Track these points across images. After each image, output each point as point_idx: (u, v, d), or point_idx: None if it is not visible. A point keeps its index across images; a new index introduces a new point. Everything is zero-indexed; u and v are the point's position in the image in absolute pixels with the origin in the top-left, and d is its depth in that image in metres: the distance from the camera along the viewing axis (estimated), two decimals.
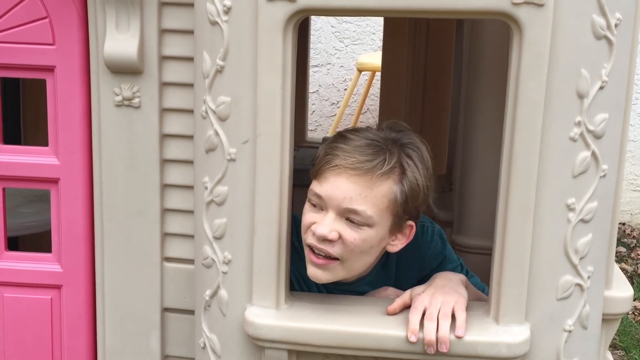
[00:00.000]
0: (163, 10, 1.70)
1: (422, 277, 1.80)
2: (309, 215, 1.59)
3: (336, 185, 1.54)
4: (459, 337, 1.51)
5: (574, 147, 1.48)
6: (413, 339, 1.53)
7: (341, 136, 1.61)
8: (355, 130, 1.63)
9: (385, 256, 1.76)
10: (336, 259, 1.57)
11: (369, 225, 1.55)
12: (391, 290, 1.74)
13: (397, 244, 1.65)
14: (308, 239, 1.59)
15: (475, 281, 1.83)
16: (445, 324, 1.52)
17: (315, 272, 1.60)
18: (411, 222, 1.64)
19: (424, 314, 1.54)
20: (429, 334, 1.51)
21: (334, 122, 5.96)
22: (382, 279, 1.80)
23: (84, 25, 1.74)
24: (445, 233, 1.90)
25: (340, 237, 1.54)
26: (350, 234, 1.55)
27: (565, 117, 1.46)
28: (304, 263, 1.64)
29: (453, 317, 1.53)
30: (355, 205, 1.52)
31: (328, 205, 1.55)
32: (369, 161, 1.53)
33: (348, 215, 1.54)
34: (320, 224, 1.54)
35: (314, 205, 1.59)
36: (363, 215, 1.53)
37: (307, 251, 1.61)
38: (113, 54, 1.69)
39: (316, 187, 1.57)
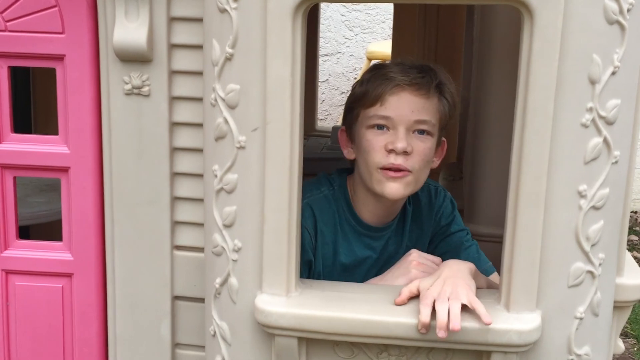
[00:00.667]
0: None
1: (434, 235, 1.97)
2: (378, 139, 1.72)
3: (403, 102, 1.69)
4: (487, 324, 1.50)
5: (585, 133, 1.47)
6: (424, 332, 1.52)
7: (380, 66, 1.79)
8: (388, 61, 1.85)
9: (402, 212, 1.91)
10: (409, 171, 1.71)
11: (431, 135, 1.74)
12: (415, 254, 1.76)
13: (436, 161, 1.84)
14: (382, 160, 1.71)
15: (482, 258, 1.91)
16: (457, 304, 1.50)
17: (396, 187, 1.72)
18: (444, 139, 1.83)
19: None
20: (442, 316, 1.49)
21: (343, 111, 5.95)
22: (399, 232, 1.93)
23: (94, 14, 1.74)
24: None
25: (413, 149, 1.70)
26: (420, 145, 1.71)
27: (577, 103, 1.46)
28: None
29: (464, 307, 1.52)
30: (422, 116, 1.70)
31: (397, 122, 1.70)
32: (423, 77, 1.71)
33: (416, 127, 1.71)
34: (398, 140, 1.68)
35: (380, 127, 1.72)
36: (429, 124, 1.72)
37: (380, 174, 1.72)
38: (122, 43, 1.69)
39: (380, 110, 1.70)
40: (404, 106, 1.69)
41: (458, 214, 2.01)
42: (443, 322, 1.49)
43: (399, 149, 1.68)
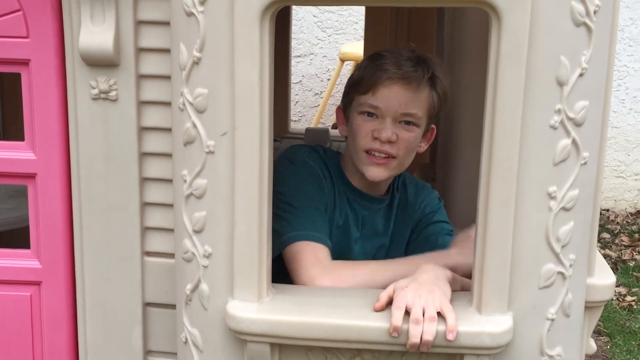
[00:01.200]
0: (139, 1, 1.68)
1: (417, 222, 2.06)
2: (366, 125, 1.82)
3: (392, 94, 1.78)
4: (450, 341, 1.51)
5: (554, 135, 1.48)
6: (395, 335, 1.52)
7: (380, 55, 1.84)
8: (387, 50, 1.86)
9: (391, 197, 2.05)
10: (394, 157, 1.82)
11: (418, 125, 1.83)
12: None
13: (423, 146, 1.93)
14: (368, 144, 1.82)
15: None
16: (432, 327, 1.50)
17: (378, 171, 1.85)
18: (433, 126, 1.92)
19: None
20: (414, 337, 1.50)
21: (317, 113, 5.95)
22: (387, 214, 2.05)
23: (59, 18, 1.72)
24: None
25: (398, 138, 1.80)
26: (405, 134, 1.81)
27: (545, 105, 1.46)
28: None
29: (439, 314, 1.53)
30: (409, 109, 1.80)
31: (385, 112, 1.79)
32: (415, 71, 1.79)
33: (403, 119, 1.80)
34: (383, 129, 1.79)
35: (369, 115, 1.82)
36: (415, 117, 1.81)
37: (365, 156, 1.84)
38: (88, 47, 1.67)
39: (371, 99, 1.80)
40: (393, 98, 1.78)
41: (444, 210, 2.10)
42: (415, 343, 1.51)
43: (384, 138, 1.78)
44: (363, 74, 1.83)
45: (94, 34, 1.67)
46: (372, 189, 1.99)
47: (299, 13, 5.86)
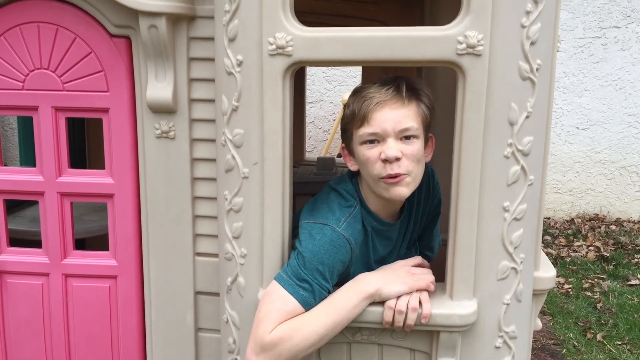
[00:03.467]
0: (191, 64, 1.69)
1: (429, 210, 1.78)
2: (372, 152, 1.51)
3: (385, 117, 1.48)
4: (423, 324, 1.51)
5: (507, 163, 1.47)
6: (387, 326, 1.52)
7: (360, 89, 1.56)
8: (364, 84, 1.59)
9: (407, 200, 1.66)
10: (405, 174, 1.51)
11: (417, 137, 1.51)
12: (402, 264, 1.62)
13: (428, 155, 1.61)
14: (381, 171, 1.50)
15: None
16: (414, 315, 1.50)
17: (398, 190, 1.51)
18: (431, 135, 1.60)
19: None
20: (398, 322, 1.50)
21: (325, 145, 5.95)
22: (407, 217, 1.72)
23: (131, 76, 1.73)
24: None
25: (403, 153, 1.49)
26: (408, 149, 1.50)
27: (500, 140, 1.45)
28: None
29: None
30: (404, 125, 1.49)
31: (385, 135, 1.49)
32: (395, 90, 1.50)
33: (402, 135, 1.49)
34: (388, 149, 1.48)
35: (371, 143, 1.51)
36: (412, 130, 1.49)
37: (382, 182, 1.52)
38: (153, 98, 1.68)
39: (368, 129, 1.50)
40: (387, 120, 1.49)
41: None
42: (399, 327, 1.51)
43: (391, 158, 1.48)
44: (353, 108, 1.54)
45: (157, 88, 1.68)
46: (398, 211, 1.69)
47: (311, 70, 5.88)
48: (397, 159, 1.49)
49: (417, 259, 1.61)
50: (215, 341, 1.84)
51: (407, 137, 1.50)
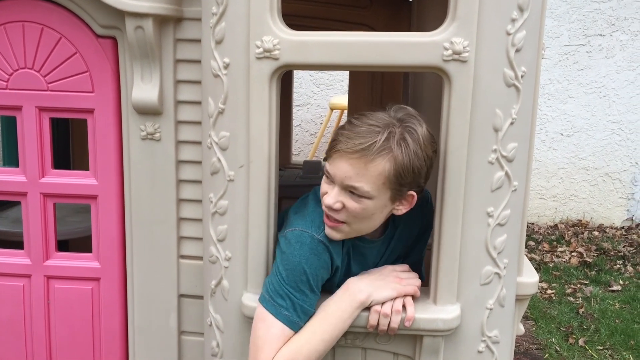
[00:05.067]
0: (177, 65, 1.69)
1: (419, 235, 1.73)
2: (323, 186, 1.48)
3: (338, 166, 1.41)
4: (407, 327, 1.51)
5: (491, 169, 1.48)
6: (371, 330, 1.52)
7: (349, 122, 1.45)
8: (362, 115, 1.45)
9: (392, 221, 1.63)
10: (342, 222, 1.47)
11: (368, 198, 1.42)
12: (389, 269, 1.60)
13: (401, 209, 1.50)
14: (324, 207, 1.48)
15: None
16: (397, 318, 1.50)
17: (330, 232, 1.49)
18: (412, 192, 1.47)
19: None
20: (382, 326, 1.50)
21: (312, 149, 5.96)
22: (389, 236, 1.66)
23: (116, 77, 1.72)
24: None
25: (344, 206, 1.43)
26: (352, 204, 1.43)
27: (485, 146, 1.46)
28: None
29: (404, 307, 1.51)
30: (353, 182, 1.40)
31: (335, 180, 1.43)
32: (364, 144, 1.38)
33: (349, 190, 1.42)
34: (328, 196, 1.44)
35: (327, 178, 1.47)
36: (361, 190, 1.40)
37: (324, 216, 1.50)
38: (139, 99, 1.68)
39: (327, 166, 1.46)
40: (339, 171, 1.41)
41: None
42: (383, 330, 1.52)
43: (326, 204, 1.45)
44: (332, 138, 1.47)
45: (143, 90, 1.67)
46: (373, 233, 1.61)
47: (299, 73, 5.88)
48: (333, 210, 1.44)
49: (404, 266, 1.61)
50: (198, 344, 1.83)
51: (356, 194, 1.42)
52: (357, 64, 1.46)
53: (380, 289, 1.52)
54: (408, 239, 1.72)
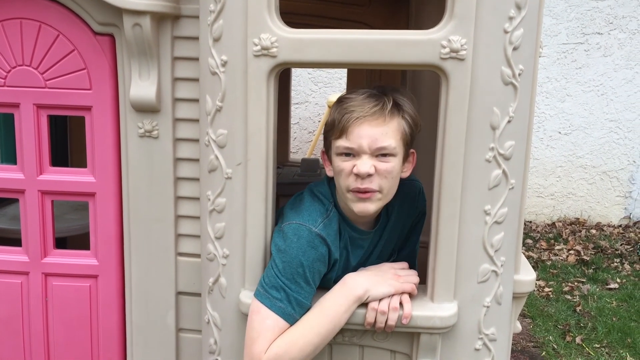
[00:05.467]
0: (175, 63, 1.69)
1: (412, 225, 1.76)
2: (346, 165, 1.49)
3: (362, 133, 1.46)
4: (404, 325, 1.51)
5: (489, 166, 1.48)
6: (368, 327, 1.52)
7: (346, 98, 1.52)
8: (351, 92, 1.54)
9: (386, 210, 1.67)
10: (377, 190, 1.49)
11: (394, 155, 1.48)
12: (387, 266, 1.61)
13: (407, 171, 1.58)
14: (351, 184, 1.49)
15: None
16: (395, 315, 1.50)
17: (365, 206, 1.50)
18: (412, 150, 1.57)
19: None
20: (380, 323, 1.51)
21: (310, 146, 5.95)
22: (382, 226, 1.69)
23: (114, 75, 1.72)
24: None
25: (376, 169, 1.47)
26: (383, 166, 1.47)
27: (482, 144, 1.46)
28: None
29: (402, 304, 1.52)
30: (381, 143, 1.46)
31: (360, 150, 1.46)
32: (377, 105, 1.47)
33: (378, 152, 1.46)
34: (361, 164, 1.46)
35: (347, 155, 1.49)
36: (389, 148, 1.46)
37: (350, 194, 1.50)
38: (137, 97, 1.68)
39: (345, 142, 1.47)
40: (364, 137, 1.46)
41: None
42: (380, 327, 1.52)
43: (362, 174, 1.46)
44: (334, 118, 1.51)
45: (141, 87, 1.67)
46: (372, 221, 1.66)
47: (297, 71, 5.88)
48: (369, 175, 1.47)
49: (403, 263, 1.62)
50: (196, 342, 1.83)
51: (383, 155, 1.48)
52: (355, 62, 1.46)
53: (377, 284, 1.52)
54: (402, 229, 1.74)
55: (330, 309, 1.49)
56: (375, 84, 1.55)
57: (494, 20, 1.41)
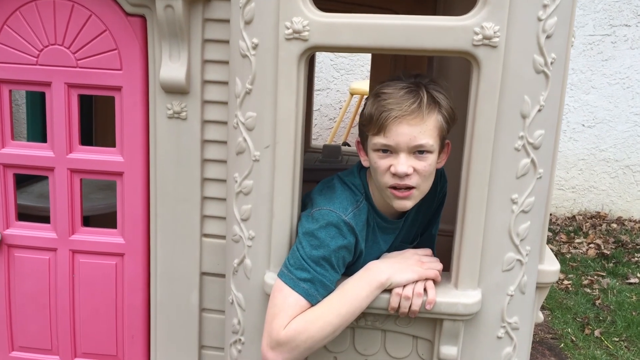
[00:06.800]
0: (205, 45, 1.70)
1: (434, 209, 1.79)
2: (383, 162, 1.50)
3: (400, 132, 1.46)
4: (428, 310, 1.52)
5: (517, 155, 1.48)
6: (392, 312, 1.54)
7: (382, 93, 1.50)
8: (387, 84, 1.52)
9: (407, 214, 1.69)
10: (413, 187, 1.51)
11: (431, 152, 1.49)
12: (411, 253, 1.62)
13: (442, 161, 1.59)
14: (389, 181, 1.50)
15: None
16: (419, 301, 1.51)
17: (404, 203, 1.53)
18: (447, 141, 1.58)
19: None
20: (404, 308, 1.52)
21: (331, 133, 5.95)
22: (411, 214, 1.71)
23: (145, 56, 1.74)
24: None
25: (414, 169, 1.49)
26: (421, 164, 1.49)
27: (512, 132, 1.46)
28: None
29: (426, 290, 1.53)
30: (419, 141, 1.46)
31: (398, 148, 1.47)
32: (415, 102, 1.46)
33: (416, 150, 1.48)
34: (399, 165, 1.47)
35: (384, 152, 1.50)
36: (427, 146, 1.47)
37: (389, 192, 1.52)
38: (167, 78, 1.69)
39: (382, 139, 1.48)
40: (402, 135, 1.46)
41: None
42: (404, 312, 1.53)
43: (400, 173, 1.47)
44: (372, 113, 1.49)
45: (171, 69, 1.68)
46: (402, 213, 1.66)
47: (319, 57, 5.86)
48: (407, 175, 1.48)
49: (427, 250, 1.63)
50: (219, 322, 1.85)
51: (421, 152, 1.49)
52: (386, 47, 1.46)
53: (400, 271, 1.53)
54: (426, 214, 1.77)
55: (352, 292, 1.51)
56: (409, 72, 1.54)
57: (528, 8, 1.40)
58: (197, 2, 1.65)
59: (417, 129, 1.46)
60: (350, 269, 1.58)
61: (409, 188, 1.51)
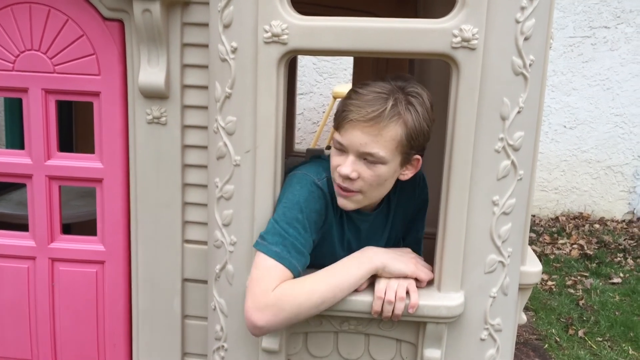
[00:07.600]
0: (184, 49, 1.69)
1: (415, 212, 1.80)
2: (335, 159, 1.51)
3: (353, 135, 1.45)
4: (411, 314, 1.52)
5: (498, 157, 1.48)
6: (375, 315, 1.53)
7: (354, 92, 1.49)
8: (365, 84, 1.50)
9: (387, 197, 1.68)
10: (358, 191, 1.51)
11: (383, 163, 1.47)
12: (410, 250, 1.63)
13: (407, 174, 1.56)
14: (336, 178, 1.51)
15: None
16: (401, 305, 1.51)
17: (344, 202, 1.54)
18: (417, 156, 1.54)
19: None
20: (387, 312, 1.52)
21: (315, 137, 5.95)
22: (384, 215, 1.72)
23: (123, 60, 1.72)
24: None
25: (359, 175, 1.48)
26: (367, 172, 1.47)
27: (491, 134, 1.46)
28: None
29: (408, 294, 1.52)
30: (369, 149, 1.44)
31: (349, 150, 1.47)
32: (376, 111, 1.42)
33: (365, 157, 1.46)
34: (343, 166, 1.47)
35: (338, 150, 1.50)
36: (377, 156, 1.45)
37: (335, 187, 1.54)
38: (146, 83, 1.68)
39: (338, 137, 1.49)
40: (354, 139, 1.45)
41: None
42: (387, 316, 1.52)
43: (342, 174, 1.48)
44: (339, 108, 1.50)
45: (150, 73, 1.67)
46: (366, 208, 1.66)
47: (302, 61, 5.87)
48: (349, 179, 1.48)
49: (421, 257, 1.63)
50: (201, 328, 1.84)
51: (371, 161, 1.47)
52: (365, 50, 1.46)
53: (395, 260, 1.53)
54: (405, 216, 1.77)
55: (344, 268, 1.51)
56: (400, 75, 1.53)
57: (506, 10, 1.40)
58: (176, 6, 1.64)
59: (370, 137, 1.44)
60: (318, 253, 1.57)
61: (351, 190, 1.51)
